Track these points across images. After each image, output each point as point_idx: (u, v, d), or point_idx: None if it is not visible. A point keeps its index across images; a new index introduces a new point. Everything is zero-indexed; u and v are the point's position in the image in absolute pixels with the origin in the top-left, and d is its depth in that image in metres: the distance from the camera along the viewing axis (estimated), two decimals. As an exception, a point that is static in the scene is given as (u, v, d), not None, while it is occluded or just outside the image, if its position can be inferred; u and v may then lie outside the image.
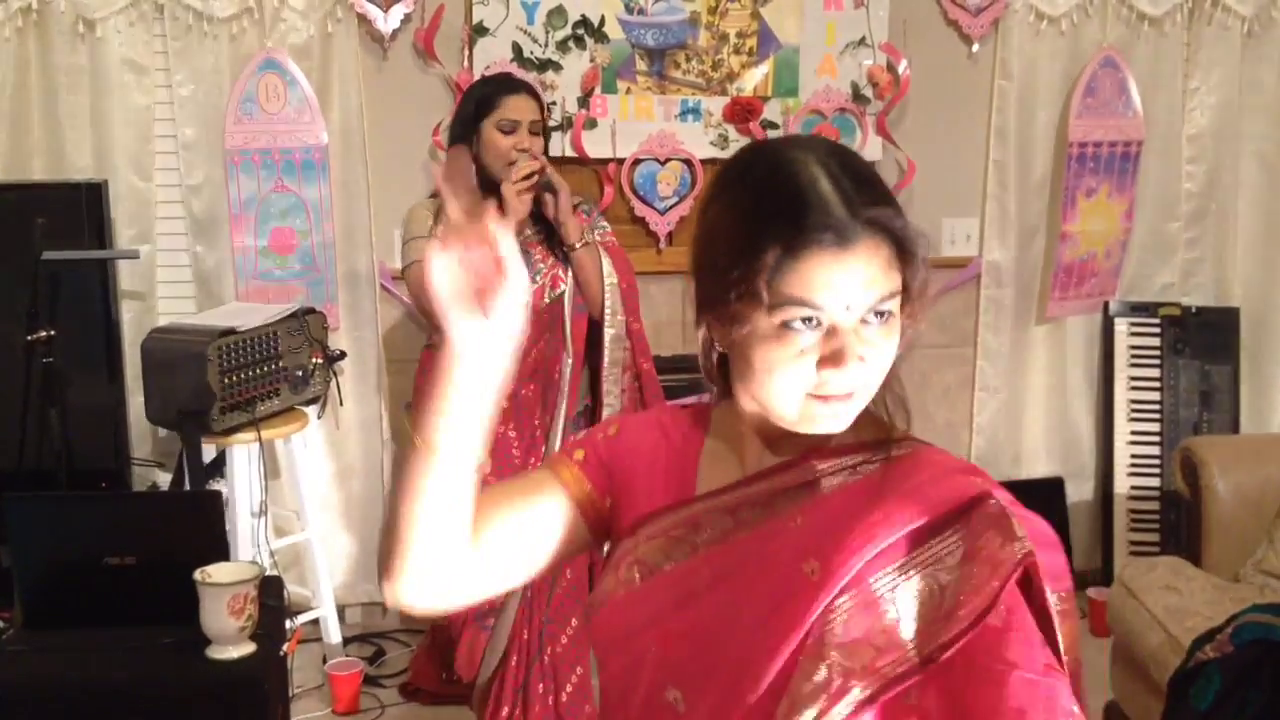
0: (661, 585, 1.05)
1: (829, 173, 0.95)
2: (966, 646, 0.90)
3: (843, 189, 0.94)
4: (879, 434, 1.04)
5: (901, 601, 0.94)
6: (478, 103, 2.72)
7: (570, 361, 2.75)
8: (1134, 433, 3.79)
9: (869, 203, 0.94)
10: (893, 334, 0.98)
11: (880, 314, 0.96)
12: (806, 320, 0.94)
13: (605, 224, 2.92)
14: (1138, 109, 3.69)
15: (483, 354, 0.95)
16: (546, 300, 2.74)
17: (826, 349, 0.95)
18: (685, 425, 1.15)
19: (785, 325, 0.94)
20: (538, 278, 2.73)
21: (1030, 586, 0.94)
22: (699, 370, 1.10)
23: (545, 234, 2.78)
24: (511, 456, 2.72)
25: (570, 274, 2.74)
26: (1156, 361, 3.79)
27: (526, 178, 2.61)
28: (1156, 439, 3.77)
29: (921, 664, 0.91)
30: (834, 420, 0.99)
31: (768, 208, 0.95)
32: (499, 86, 2.76)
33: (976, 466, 1.05)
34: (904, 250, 0.96)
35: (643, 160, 3.49)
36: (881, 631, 0.93)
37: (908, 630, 0.93)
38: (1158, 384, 3.79)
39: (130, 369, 3.18)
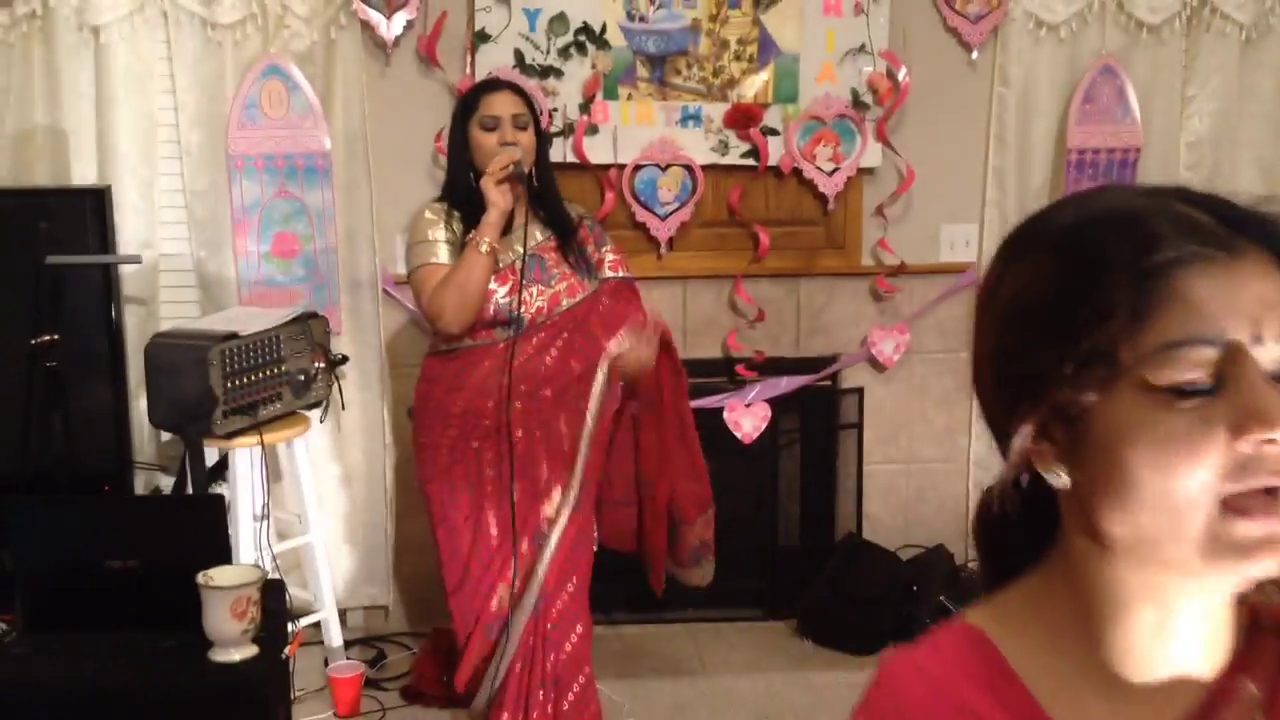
0: None
1: (1164, 192, 0.72)
2: None
3: (1193, 200, 0.71)
4: (1252, 617, 0.76)
5: None
6: (462, 107, 2.78)
7: (591, 425, 2.73)
8: (1133, 438, 3.79)
9: (1232, 205, 0.70)
10: None
11: None
12: (1196, 388, 0.66)
13: (609, 239, 2.92)
14: (1136, 116, 3.70)
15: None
16: (564, 305, 2.74)
17: (1243, 403, 0.64)
18: (972, 664, 0.79)
19: (1169, 390, 0.66)
20: (552, 283, 2.73)
21: None
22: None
23: (559, 241, 2.78)
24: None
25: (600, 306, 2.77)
26: (1155, 367, 3.79)
27: (504, 169, 2.63)
28: (1155, 445, 3.77)
29: None
30: (1275, 548, 0.65)
31: (1106, 238, 0.69)
32: (480, 88, 2.81)
33: None
34: None
35: (643, 166, 3.50)
36: None
37: None
38: (1157, 390, 3.79)
39: (133, 373, 3.19)
